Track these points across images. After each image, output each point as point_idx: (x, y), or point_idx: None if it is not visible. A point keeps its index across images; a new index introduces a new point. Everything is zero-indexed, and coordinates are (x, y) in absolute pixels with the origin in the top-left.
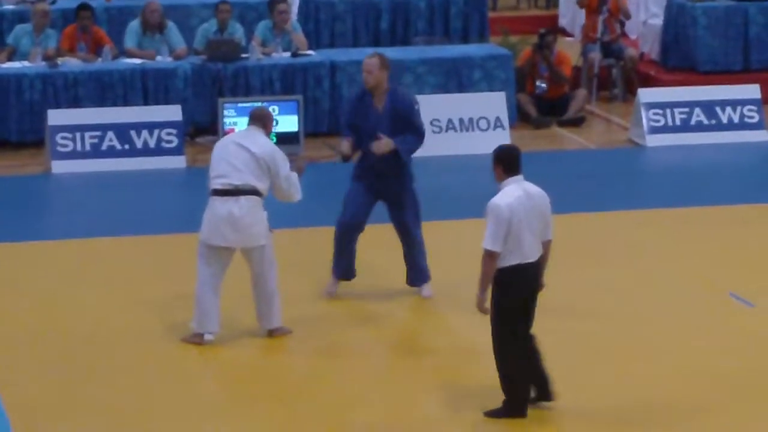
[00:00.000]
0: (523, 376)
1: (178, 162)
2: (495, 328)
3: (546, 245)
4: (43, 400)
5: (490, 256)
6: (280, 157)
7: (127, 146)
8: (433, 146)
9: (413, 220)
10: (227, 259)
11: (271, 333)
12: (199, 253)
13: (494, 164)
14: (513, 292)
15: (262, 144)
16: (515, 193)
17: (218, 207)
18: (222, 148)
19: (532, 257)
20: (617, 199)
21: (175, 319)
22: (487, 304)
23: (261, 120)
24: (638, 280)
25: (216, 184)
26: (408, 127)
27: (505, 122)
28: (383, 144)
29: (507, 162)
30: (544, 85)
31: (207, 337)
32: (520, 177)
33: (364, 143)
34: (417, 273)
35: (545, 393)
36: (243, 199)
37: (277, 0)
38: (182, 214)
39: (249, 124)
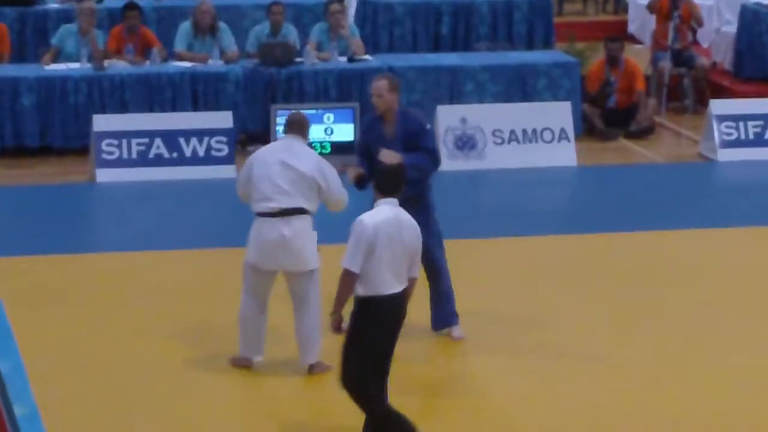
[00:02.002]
0: (383, 413)
1: (229, 171)
2: (347, 353)
3: (411, 283)
4: (81, 422)
5: (347, 275)
6: (328, 170)
7: (175, 154)
8: (494, 158)
9: (440, 254)
10: (273, 281)
11: (312, 369)
12: (245, 277)
13: (374, 181)
14: (378, 324)
15: (307, 158)
16: (385, 214)
17: (267, 229)
18: (263, 165)
19: (396, 288)
20: (686, 217)
21: (219, 340)
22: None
23: (300, 126)
24: (705, 301)
25: (261, 207)
26: (420, 150)
27: (570, 134)
28: (388, 154)
29: (383, 182)
30: (613, 97)
31: (257, 359)
32: (394, 200)
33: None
34: (447, 312)
35: None
36: (294, 219)
37: (331, 0)
38: (232, 227)
39: (286, 132)
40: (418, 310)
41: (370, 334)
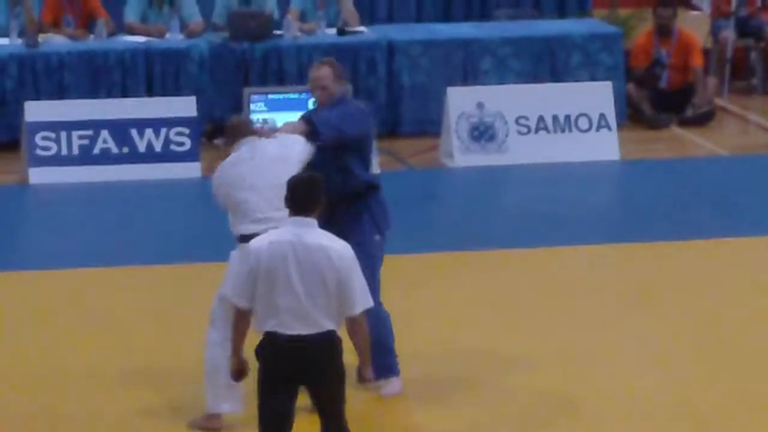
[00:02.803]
0: None
1: (192, 170)
2: None
3: (350, 323)
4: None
5: (235, 308)
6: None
7: (125, 149)
8: (519, 152)
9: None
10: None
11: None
12: (218, 315)
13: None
14: (265, 372)
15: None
16: (278, 236)
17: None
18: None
19: (292, 328)
20: (753, 222)
21: (178, 386)
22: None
23: None
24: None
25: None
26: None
27: (612, 121)
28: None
29: (291, 195)
30: (665, 75)
31: (230, 409)
32: (303, 220)
33: None
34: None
35: None
36: None
37: None
38: (193, 238)
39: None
40: None
41: (261, 384)
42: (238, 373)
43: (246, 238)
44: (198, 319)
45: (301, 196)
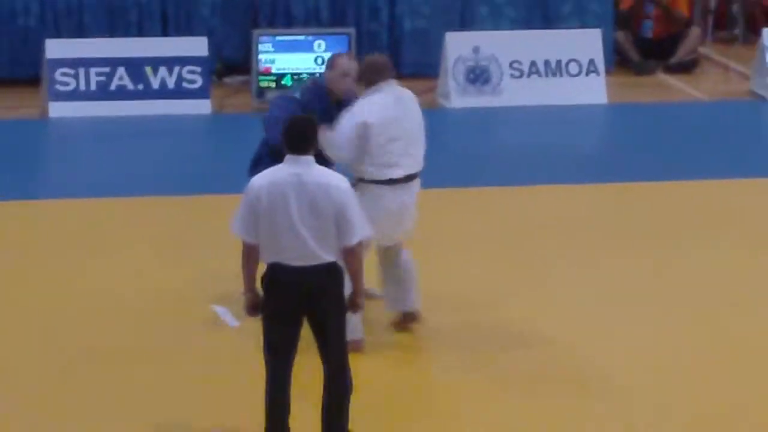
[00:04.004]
0: (270, 412)
1: (203, 107)
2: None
3: (346, 253)
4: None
5: (242, 242)
6: None
7: (140, 86)
8: (513, 94)
9: None
10: None
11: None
12: None
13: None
14: (270, 300)
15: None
16: (278, 174)
17: (390, 200)
18: (395, 122)
19: (298, 260)
20: (735, 164)
21: (191, 297)
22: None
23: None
24: (754, 256)
25: (389, 173)
26: None
27: (600, 66)
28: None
29: (288, 136)
30: (650, 24)
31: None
32: (300, 158)
33: None
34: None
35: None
36: (414, 183)
37: None
38: (206, 170)
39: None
40: None
41: (266, 310)
42: (253, 307)
43: (384, 182)
44: (205, 244)
45: (297, 136)
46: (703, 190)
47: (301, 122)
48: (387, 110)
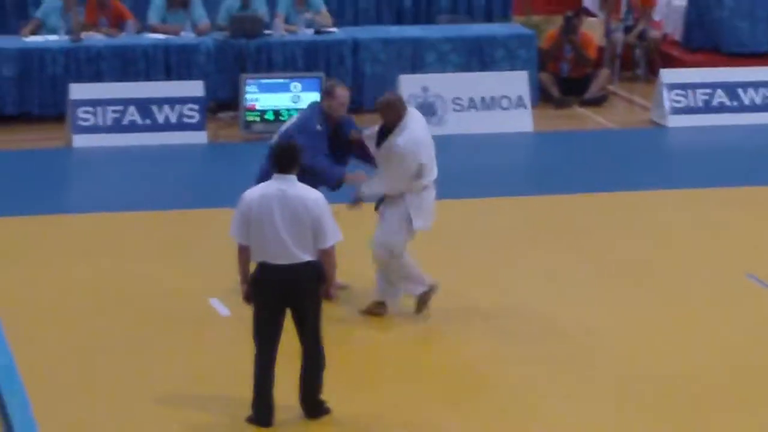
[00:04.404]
0: (258, 384)
1: (200, 137)
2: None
3: (322, 254)
4: (61, 379)
5: (237, 244)
6: None
7: (148, 121)
8: (455, 125)
9: None
10: None
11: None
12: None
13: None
14: (258, 289)
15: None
16: (266, 190)
17: (429, 196)
18: (426, 141)
19: (281, 259)
20: (637, 180)
21: (192, 292)
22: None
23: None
24: (657, 260)
25: (426, 180)
26: None
27: (527, 101)
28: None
29: (275, 158)
30: (567, 65)
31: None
32: (285, 177)
33: None
34: None
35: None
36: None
37: None
38: (203, 189)
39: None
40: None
41: (255, 300)
42: (248, 296)
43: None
44: (202, 248)
45: (284, 159)
46: (614, 200)
47: (289, 148)
48: (425, 139)
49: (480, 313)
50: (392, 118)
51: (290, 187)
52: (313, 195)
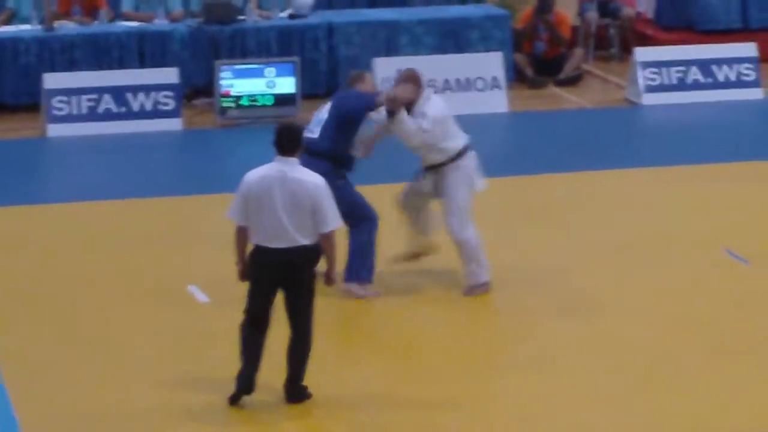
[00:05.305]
0: (242, 355)
1: (175, 124)
2: None
3: (322, 238)
4: (39, 367)
5: (236, 225)
6: None
7: (123, 109)
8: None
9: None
10: None
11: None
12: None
13: None
14: (253, 271)
15: None
16: (267, 171)
17: (470, 160)
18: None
19: (277, 243)
20: (613, 158)
21: (170, 278)
22: None
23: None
24: (634, 237)
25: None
26: None
27: (502, 82)
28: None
29: (276, 141)
30: (542, 45)
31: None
32: (287, 159)
33: None
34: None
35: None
36: None
37: None
38: (180, 176)
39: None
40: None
41: (251, 281)
42: (243, 274)
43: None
44: (180, 235)
45: (286, 141)
46: (590, 179)
47: (291, 129)
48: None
49: (459, 293)
50: (419, 85)
51: (291, 169)
52: (313, 178)
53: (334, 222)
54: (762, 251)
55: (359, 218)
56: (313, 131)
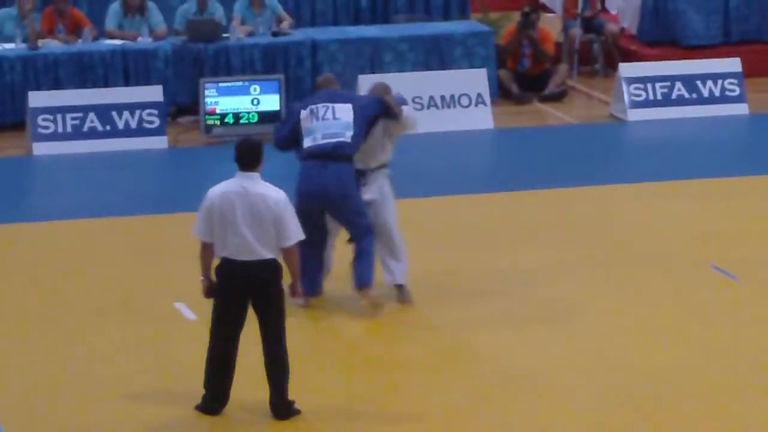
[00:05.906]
0: (208, 371)
1: (160, 142)
2: None
3: (284, 252)
4: (24, 380)
5: (201, 242)
6: None
7: (108, 127)
8: None
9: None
10: None
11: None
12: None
13: None
14: (218, 285)
15: None
16: (228, 187)
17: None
18: None
19: (241, 256)
20: (599, 174)
21: (157, 296)
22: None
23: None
24: (620, 254)
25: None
26: None
27: (487, 99)
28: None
29: (237, 156)
30: (526, 61)
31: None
32: (247, 174)
33: None
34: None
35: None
36: None
37: None
38: (166, 194)
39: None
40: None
41: (216, 297)
42: (208, 290)
43: None
44: (166, 252)
45: (246, 156)
46: (575, 195)
47: (251, 144)
48: None
49: (450, 304)
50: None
51: (252, 185)
52: (274, 194)
53: (296, 235)
54: (749, 266)
55: (369, 227)
56: (338, 135)
